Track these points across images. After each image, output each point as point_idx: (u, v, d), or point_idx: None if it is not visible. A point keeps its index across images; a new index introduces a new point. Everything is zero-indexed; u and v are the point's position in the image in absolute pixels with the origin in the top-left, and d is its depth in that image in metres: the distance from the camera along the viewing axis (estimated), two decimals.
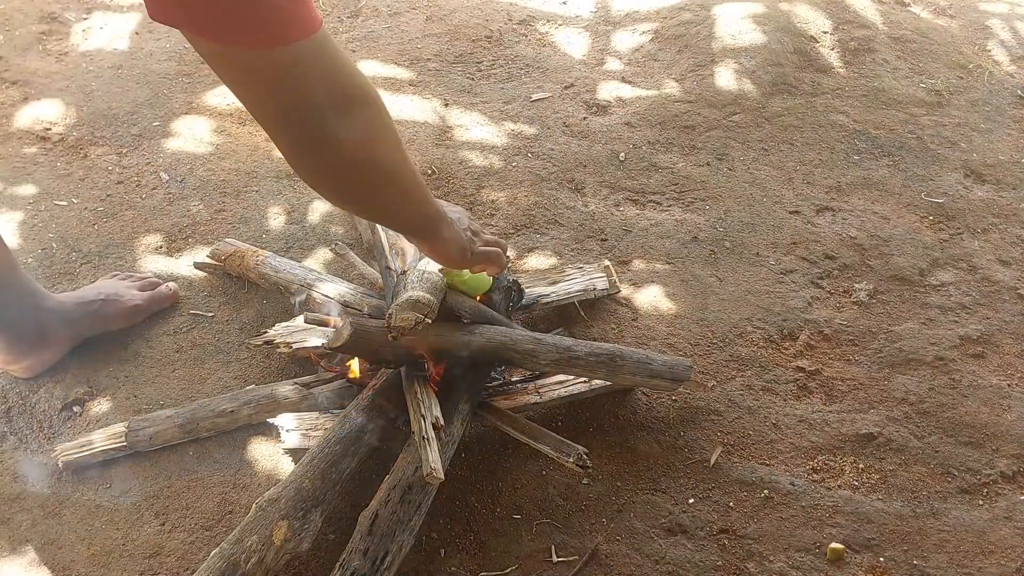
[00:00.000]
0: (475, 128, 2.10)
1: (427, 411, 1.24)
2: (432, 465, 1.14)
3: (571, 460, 1.27)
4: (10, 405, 1.47)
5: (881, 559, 1.32)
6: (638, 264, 1.78)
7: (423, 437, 1.18)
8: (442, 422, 1.23)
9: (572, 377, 1.46)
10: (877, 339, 1.65)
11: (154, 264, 1.72)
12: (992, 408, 1.53)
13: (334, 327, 1.37)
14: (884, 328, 1.67)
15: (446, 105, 2.16)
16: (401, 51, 2.33)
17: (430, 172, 1.94)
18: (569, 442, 1.29)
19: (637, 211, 1.90)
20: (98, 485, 1.37)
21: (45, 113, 2.05)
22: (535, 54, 2.36)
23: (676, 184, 1.97)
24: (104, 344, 1.56)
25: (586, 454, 1.27)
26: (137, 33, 2.32)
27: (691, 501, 1.38)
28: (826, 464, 1.44)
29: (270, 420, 1.39)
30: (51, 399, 1.48)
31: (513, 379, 1.49)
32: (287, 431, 1.36)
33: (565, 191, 1.94)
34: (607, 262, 1.70)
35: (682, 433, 1.47)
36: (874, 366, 1.60)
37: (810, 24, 2.38)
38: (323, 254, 1.75)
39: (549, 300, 1.59)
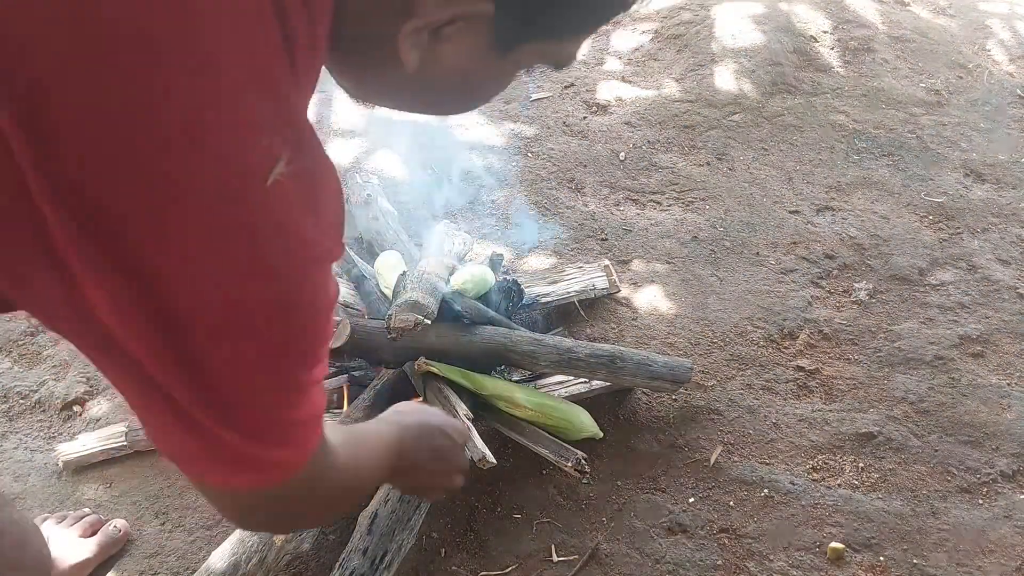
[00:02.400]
0: (475, 128, 2.10)
1: (456, 405, 1.25)
2: (481, 451, 1.18)
3: (570, 464, 1.27)
4: (11, 405, 1.47)
5: (881, 558, 1.32)
6: (638, 264, 1.78)
7: None
8: (472, 415, 1.25)
9: (572, 377, 1.46)
10: (877, 338, 1.65)
11: None
12: (992, 407, 1.53)
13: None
14: (884, 327, 1.67)
15: None
16: None
17: (430, 172, 1.94)
18: (568, 446, 1.29)
19: (637, 211, 1.90)
20: (98, 485, 1.37)
21: None
22: None
23: (676, 184, 1.97)
24: None
25: (584, 459, 1.27)
26: None
27: (691, 500, 1.38)
28: (826, 463, 1.44)
29: None
30: (51, 399, 1.48)
31: (513, 379, 1.49)
32: None
33: (565, 191, 1.94)
34: (607, 262, 1.70)
35: (682, 433, 1.47)
36: (874, 365, 1.60)
37: (810, 24, 2.38)
38: None
39: (549, 300, 1.59)
